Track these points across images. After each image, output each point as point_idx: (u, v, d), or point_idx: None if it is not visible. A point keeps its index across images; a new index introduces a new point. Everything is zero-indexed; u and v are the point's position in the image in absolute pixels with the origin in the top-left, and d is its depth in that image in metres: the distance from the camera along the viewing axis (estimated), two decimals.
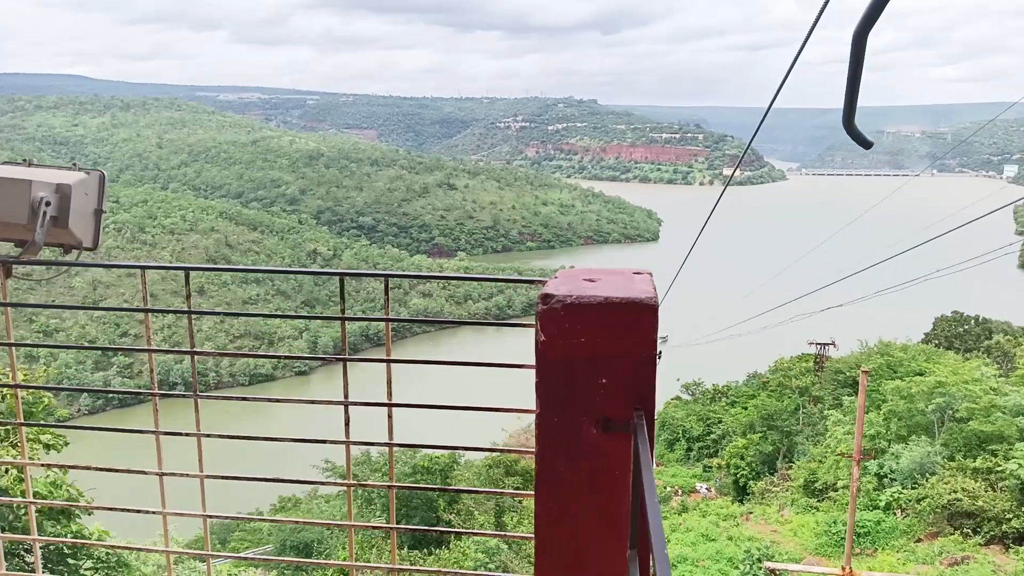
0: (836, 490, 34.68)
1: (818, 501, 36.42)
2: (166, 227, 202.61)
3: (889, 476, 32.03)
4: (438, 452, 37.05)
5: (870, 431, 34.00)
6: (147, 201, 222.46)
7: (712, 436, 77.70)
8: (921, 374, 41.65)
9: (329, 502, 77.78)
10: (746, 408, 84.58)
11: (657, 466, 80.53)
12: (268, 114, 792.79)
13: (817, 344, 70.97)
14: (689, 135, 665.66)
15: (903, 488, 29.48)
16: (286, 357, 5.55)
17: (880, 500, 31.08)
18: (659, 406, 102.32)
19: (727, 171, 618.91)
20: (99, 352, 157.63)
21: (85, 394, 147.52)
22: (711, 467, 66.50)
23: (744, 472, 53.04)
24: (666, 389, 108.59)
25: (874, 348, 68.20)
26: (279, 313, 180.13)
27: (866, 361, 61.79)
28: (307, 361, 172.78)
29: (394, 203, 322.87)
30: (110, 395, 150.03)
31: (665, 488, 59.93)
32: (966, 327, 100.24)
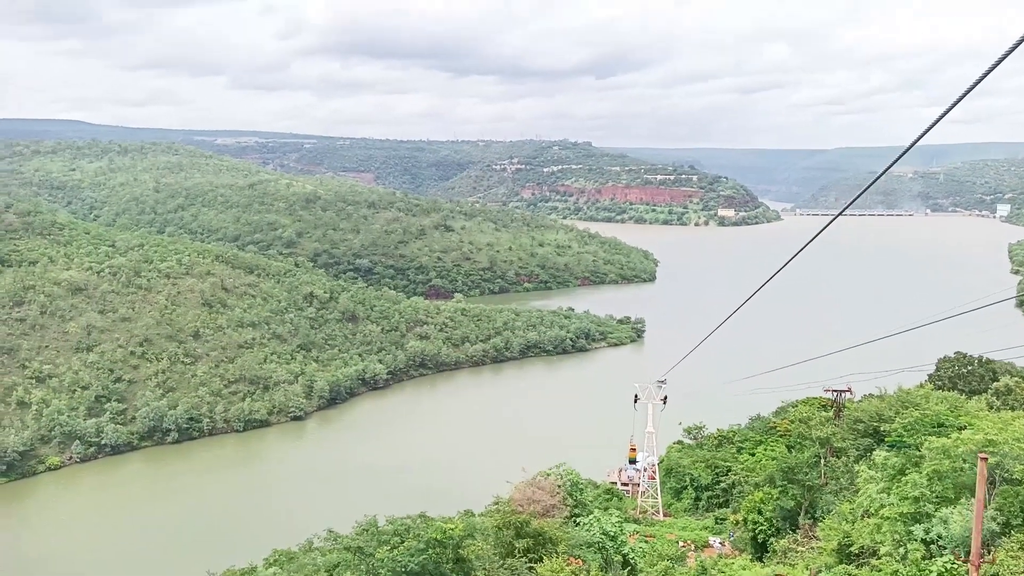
0: (878, 557, 32.39)
1: (856, 567, 34.19)
2: (162, 271, 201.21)
3: (938, 543, 29.95)
4: (452, 524, 35.10)
5: (913, 492, 32.20)
6: (143, 245, 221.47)
7: (722, 485, 75.24)
8: (963, 428, 39.70)
9: (325, 556, 74.98)
10: (754, 454, 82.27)
11: (664, 516, 77.98)
12: (265, 158, 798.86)
13: (833, 391, 69.20)
14: (683, 176, 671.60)
15: (953, 558, 27.16)
16: None
17: (931, 570, 28.79)
18: (661, 450, 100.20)
19: (722, 211, 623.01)
20: (92, 398, 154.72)
21: (77, 441, 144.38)
22: (724, 519, 64.11)
23: (763, 528, 50.48)
24: (668, 433, 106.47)
25: (893, 396, 66.37)
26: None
27: (886, 408, 59.89)
28: (302, 407, 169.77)
29: (391, 245, 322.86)
30: (103, 443, 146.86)
31: (677, 543, 57.64)
32: (970, 368, 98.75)
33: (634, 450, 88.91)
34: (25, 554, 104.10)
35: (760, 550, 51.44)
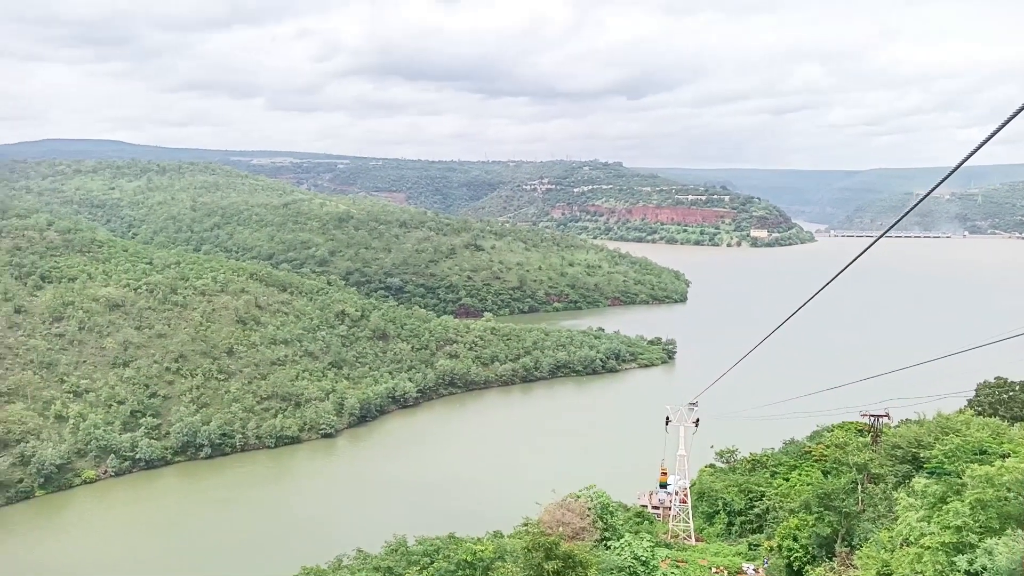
0: None
1: None
2: (197, 288, 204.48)
3: (982, 575, 28.92)
4: (482, 546, 34.86)
5: (955, 521, 31.18)
6: (180, 263, 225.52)
7: (755, 510, 73.85)
8: (1007, 456, 38.55)
9: (354, 575, 74.95)
10: (788, 479, 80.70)
11: (696, 540, 76.66)
12: (300, 178, 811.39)
13: (870, 415, 67.69)
14: (715, 197, 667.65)
15: None
16: None
17: None
18: (693, 474, 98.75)
19: (755, 232, 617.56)
20: (127, 413, 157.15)
21: (113, 456, 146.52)
22: (758, 545, 62.78)
23: (799, 555, 49.36)
24: (700, 456, 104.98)
25: (932, 421, 64.65)
26: None
27: (925, 434, 58.42)
28: (333, 424, 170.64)
29: (422, 264, 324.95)
30: (137, 458, 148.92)
31: (710, 569, 56.51)
32: (1011, 394, 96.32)
33: (665, 474, 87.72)
34: (59, 564, 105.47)
35: None
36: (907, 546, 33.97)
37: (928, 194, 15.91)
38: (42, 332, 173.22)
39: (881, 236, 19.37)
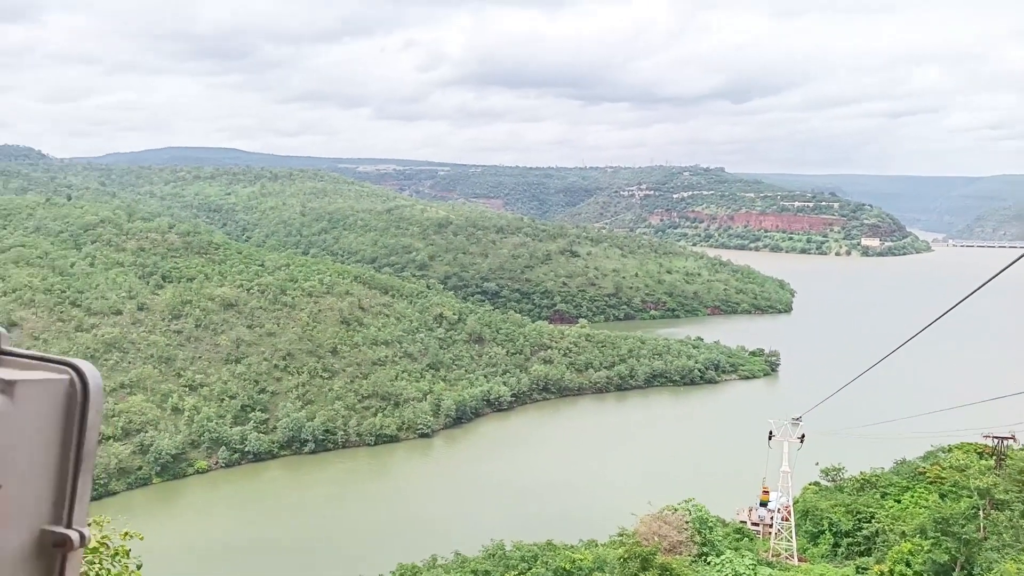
0: None
1: None
2: (305, 290, 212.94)
3: None
4: (580, 554, 34.56)
5: None
6: (289, 265, 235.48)
7: (864, 532, 70.35)
8: None
9: (449, 574, 76.01)
10: (900, 501, 76.72)
11: (800, 561, 73.68)
12: (402, 184, 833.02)
13: (995, 437, 63.28)
14: (823, 203, 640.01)
15: None
16: None
17: None
18: (796, 491, 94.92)
19: (866, 241, 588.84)
20: (238, 407, 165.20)
21: (223, 447, 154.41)
22: (866, 569, 59.66)
23: None
24: (803, 474, 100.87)
25: None
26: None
27: None
28: (429, 424, 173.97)
29: (518, 269, 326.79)
30: (246, 450, 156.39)
31: None
32: None
33: (767, 492, 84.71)
34: (174, 545, 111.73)
35: None
36: None
37: None
38: (162, 328, 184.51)
39: None
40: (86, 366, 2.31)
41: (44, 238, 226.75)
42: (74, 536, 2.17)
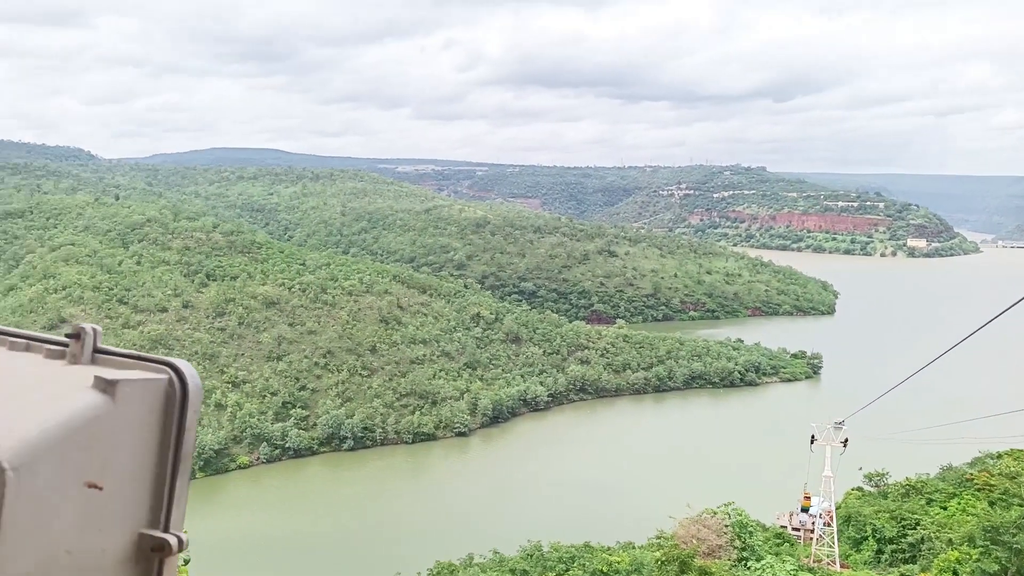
0: None
1: None
2: (345, 288, 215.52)
3: None
4: (617, 557, 34.44)
5: None
6: (329, 264, 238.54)
7: (909, 539, 68.93)
8: None
9: (486, 573, 76.27)
10: (946, 508, 75.01)
11: (842, 567, 72.46)
12: (441, 184, 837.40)
13: None
14: (868, 203, 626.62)
15: None
16: None
17: None
18: (839, 496, 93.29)
19: (912, 242, 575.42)
20: (279, 404, 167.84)
21: (265, 443, 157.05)
22: None
23: None
24: (845, 479, 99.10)
25: None
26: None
27: None
28: (466, 423, 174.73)
29: (555, 269, 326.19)
30: (287, 446, 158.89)
31: None
32: None
33: (808, 498, 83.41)
34: (221, 537, 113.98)
35: None
36: None
37: None
38: (206, 326, 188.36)
39: None
40: (185, 366, 2.28)
41: (93, 237, 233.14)
42: (172, 541, 2.11)
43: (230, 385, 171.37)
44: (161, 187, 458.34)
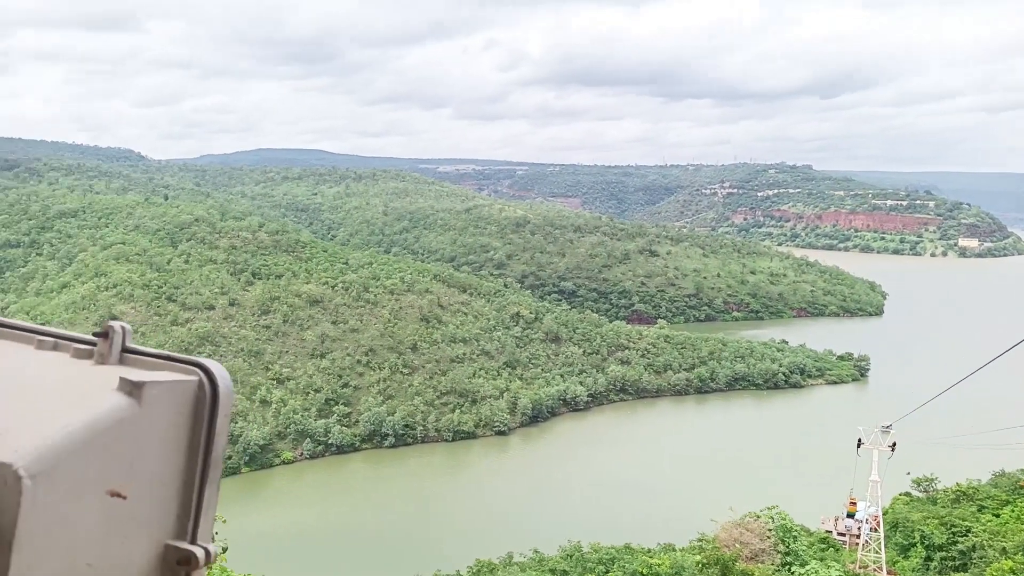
0: None
1: None
2: (387, 287, 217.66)
3: None
4: (658, 559, 34.16)
5: None
6: (372, 263, 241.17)
7: (959, 547, 67.12)
8: None
9: (525, 572, 76.38)
10: (998, 515, 72.92)
11: (889, 574, 70.91)
12: (481, 184, 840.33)
13: None
14: (918, 202, 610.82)
15: None
16: None
17: None
18: (886, 501, 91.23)
19: (964, 241, 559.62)
20: (322, 400, 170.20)
21: (308, 439, 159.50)
22: None
23: None
24: (893, 483, 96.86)
25: None
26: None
27: None
28: (506, 422, 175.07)
29: (595, 269, 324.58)
30: (329, 442, 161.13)
31: None
32: None
33: (854, 503, 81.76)
34: (265, 530, 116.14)
35: None
36: None
37: None
38: (252, 323, 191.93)
39: None
40: (215, 367, 2.18)
41: (143, 236, 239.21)
42: (199, 553, 1.99)
43: (275, 382, 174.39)
44: (208, 187, 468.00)
